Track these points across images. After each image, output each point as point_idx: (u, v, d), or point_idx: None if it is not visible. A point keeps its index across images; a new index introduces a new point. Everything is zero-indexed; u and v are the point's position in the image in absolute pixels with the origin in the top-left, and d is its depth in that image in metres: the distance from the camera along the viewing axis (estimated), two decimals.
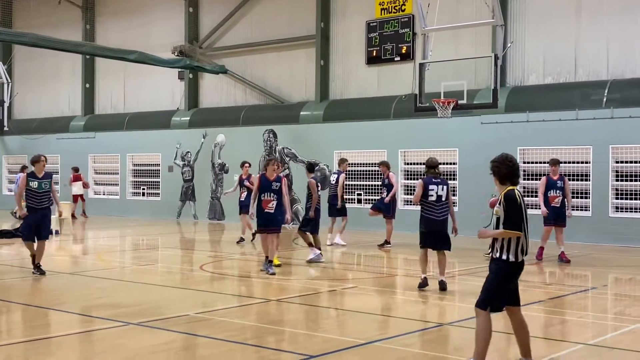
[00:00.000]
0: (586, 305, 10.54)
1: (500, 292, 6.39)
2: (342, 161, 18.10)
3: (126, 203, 29.18)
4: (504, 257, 6.35)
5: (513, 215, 6.33)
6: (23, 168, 18.65)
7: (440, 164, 11.72)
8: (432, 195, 10.80)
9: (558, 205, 14.80)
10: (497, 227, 6.44)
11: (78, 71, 31.50)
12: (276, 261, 13.28)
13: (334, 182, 17.56)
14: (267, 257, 12.81)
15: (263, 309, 9.90)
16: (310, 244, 14.59)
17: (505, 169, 6.52)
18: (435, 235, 10.90)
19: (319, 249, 14.43)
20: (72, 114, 31.92)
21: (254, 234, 17.63)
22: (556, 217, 14.80)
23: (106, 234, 22.33)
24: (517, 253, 6.34)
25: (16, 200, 13.86)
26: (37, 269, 12.49)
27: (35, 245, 12.60)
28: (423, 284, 10.89)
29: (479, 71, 20.40)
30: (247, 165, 17.98)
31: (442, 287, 10.81)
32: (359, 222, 20.67)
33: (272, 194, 12.72)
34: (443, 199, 10.85)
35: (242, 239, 17.90)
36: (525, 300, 10.59)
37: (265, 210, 12.71)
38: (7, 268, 13.20)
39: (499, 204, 6.43)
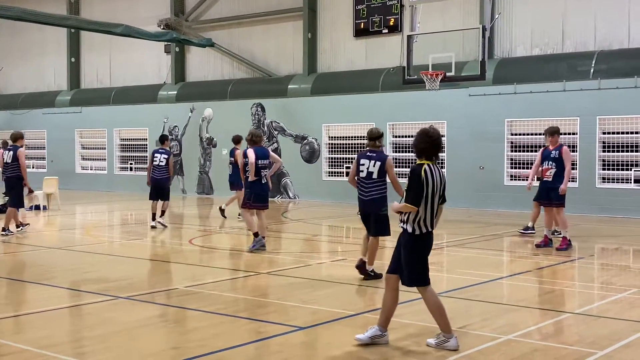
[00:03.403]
0: (573, 275, 10.64)
1: (421, 262, 6.43)
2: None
3: (114, 178, 29.08)
4: (405, 227, 6.41)
5: (412, 190, 6.31)
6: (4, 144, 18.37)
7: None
8: (362, 171, 9.41)
9: (550, 180, 12.37)
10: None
11: (63, 45, 31.19)
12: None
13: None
14: (256, 233, 12.34)
15: (253, 282, 9.93)
16: None
17: (423, 144, 6.44)
18: (367, 218, 9.59)
19: None
20: (58, 89, 31.67)
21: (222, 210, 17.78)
22: (548, 194, 12.49)
23: (94, 209, 22.27)
24: (414, 226, 6.35)
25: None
26: None
27: None
28: (358, 265, 9.67)
29: (467, 43, 20.37)
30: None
31: (366, 277, 9.55)
32: (349, 195, 20.70)
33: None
34: (374, 175, 9.35)
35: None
36: (512, 271, 10.73)
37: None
38: None
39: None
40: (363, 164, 9.41)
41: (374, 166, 9.34)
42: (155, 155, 15.86)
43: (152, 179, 15.88)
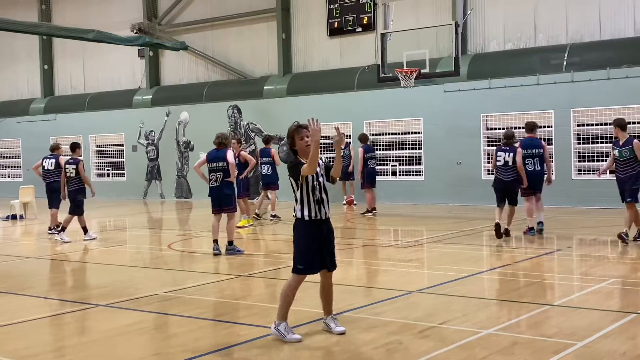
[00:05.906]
0: (552, 267, 10.72)
1: None
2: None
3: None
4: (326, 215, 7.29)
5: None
6: None
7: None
8: (499, 161, 13.07)
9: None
10: None
11: (35, 52, 30.93)
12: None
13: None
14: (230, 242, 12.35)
15: (233, 285, 9.91)
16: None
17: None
18: (502, 192, 13.07)
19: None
20: (32, 97, 31.39)
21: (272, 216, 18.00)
22: None
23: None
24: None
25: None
26: None
27: None
28: (496, 230, 12.80)
29: (441, 40, 20.47)
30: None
31: (507, 234, 13.04)
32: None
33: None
34: (510, 163, 12.88)
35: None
36: (491, 265, 10.79)
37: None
38: None
39: None
40: (500, 155, 13.07)
41: (508, 157, 12.95)
42: (66, 166, 14.85)
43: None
